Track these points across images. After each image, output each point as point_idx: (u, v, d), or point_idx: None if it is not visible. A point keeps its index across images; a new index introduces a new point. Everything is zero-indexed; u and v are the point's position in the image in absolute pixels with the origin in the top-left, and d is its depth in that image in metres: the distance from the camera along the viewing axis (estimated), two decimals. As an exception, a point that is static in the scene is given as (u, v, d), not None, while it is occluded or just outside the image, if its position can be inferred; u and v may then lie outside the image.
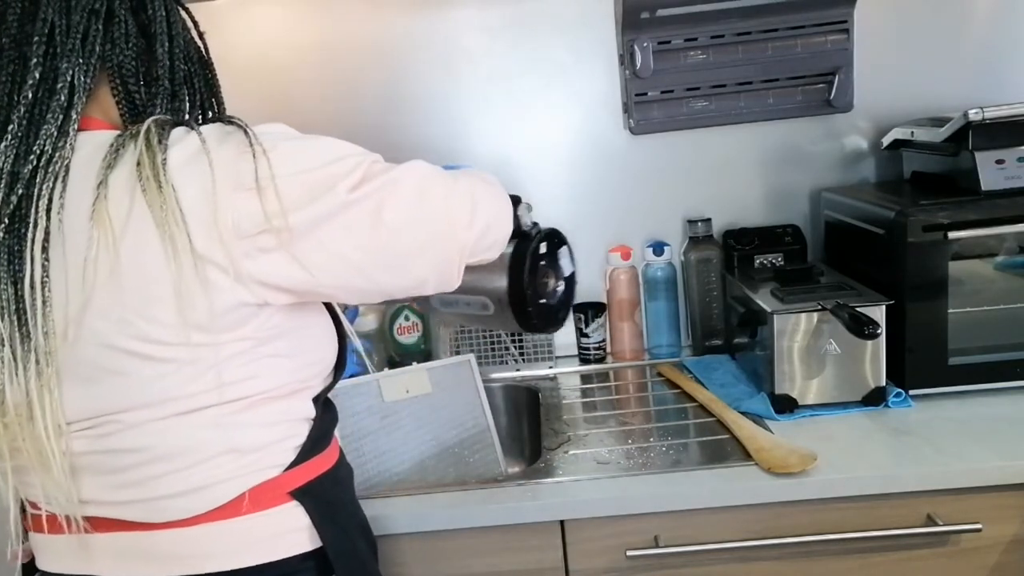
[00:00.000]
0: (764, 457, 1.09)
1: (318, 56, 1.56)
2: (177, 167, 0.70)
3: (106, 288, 0.69)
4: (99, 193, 0.69)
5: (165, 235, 0.68)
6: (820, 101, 1.52)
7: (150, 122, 0.73)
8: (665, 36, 1.47)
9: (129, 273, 0.69)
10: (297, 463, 0.80)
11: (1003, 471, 1.04)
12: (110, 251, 0.69)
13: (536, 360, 1.58)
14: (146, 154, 0.70)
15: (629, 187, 1.60)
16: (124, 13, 0.79)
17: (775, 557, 1.08)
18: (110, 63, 0.78)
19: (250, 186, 0.70)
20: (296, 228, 0.71)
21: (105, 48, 0.78)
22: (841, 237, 1.47)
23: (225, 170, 0.70)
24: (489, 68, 1.56)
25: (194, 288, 0.69)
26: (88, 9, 0.77)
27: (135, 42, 0.80)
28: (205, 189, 0.69)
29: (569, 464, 1.17)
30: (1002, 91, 1.52)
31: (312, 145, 0.76)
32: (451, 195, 0.82)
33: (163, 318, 0.70)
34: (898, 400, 1.23)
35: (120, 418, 0.73)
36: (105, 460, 0.75)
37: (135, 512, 0.76)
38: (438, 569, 1.10)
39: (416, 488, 1.15)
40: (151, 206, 0.68)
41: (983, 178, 1.22)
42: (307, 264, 0.73)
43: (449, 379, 1.35)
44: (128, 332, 0.70)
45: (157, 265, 0.69)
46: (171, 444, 0.74)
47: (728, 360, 1.51)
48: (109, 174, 0.70)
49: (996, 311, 1.25)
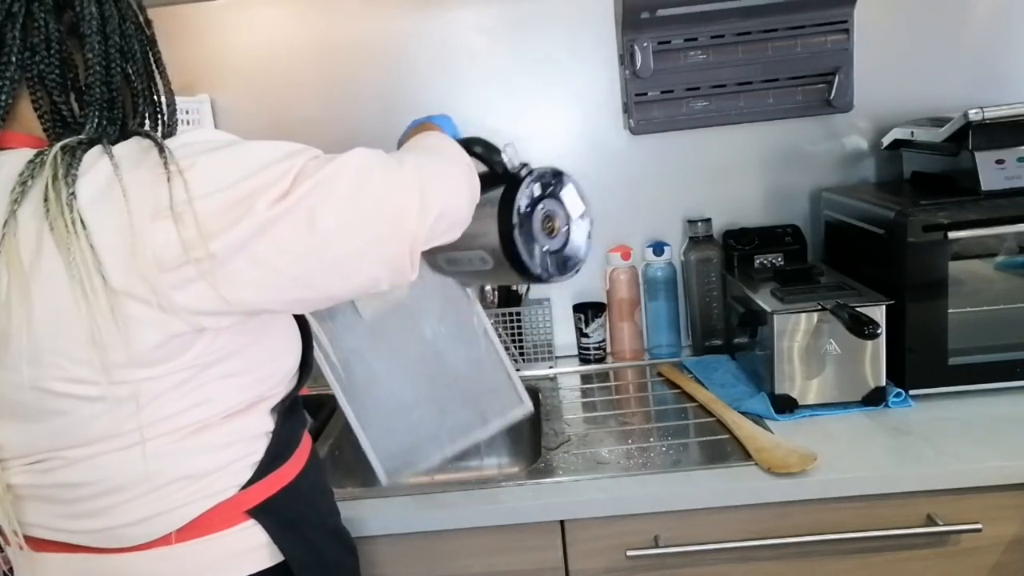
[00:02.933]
0: (764, 457, 1.09)
1: (317, 56, 1.56)
2: (89, 200, 0.65)
3: (23, 332, 0.65)
4: (6, 232, 0.65)
5: (75, 278, 0.63)
6: (820, 101, 1.52)
7: (57, 149, 0.66)
8: (665, 36, 1.47)
9: (45, 317, 0.65)
10: (255, 480, 0.78)
11: (1003, 471, 1.04)
12: (23, 294, 0.64)
13: (536, 360, 1.58)
14: (52, 188, 0.64)
15: (629, 187, 1.60)
16: (44, 15, 0.72)
17: (775, 557, 1.08)
18: (29, 74, 0.71)
19: (167, 213, 0.64)
20: (219, 255, 0.65)
21: (24, 57, 0.71)
22: (841, 237, 1.47)
23: (141, 198, 0.64)
24: (489, 68, 1.56)
25: (112, 329, 0.65)
26: (4, 13, 0.70)
27: (59, 47, 0.72)
28: (120, 222, 0.64)
29: (569, 464, 1.17)
30: (1002, 91, 1.52)
31: (233, 156, 0.68)
32: (394, 185, 0.72)
33: (88, 359, 0.66)
34: (898, 400, 1.23)
35: (64, 455, 0.71)
36: (54, 493, 0.73)
37: (89, 539, 0.74)
38: (438, 569, 1.10)
39: (416, 488, 1.15)
40: (59, 246, 0.64)
41: (983, 178, 1.22)
42: (238, 287, 0.67)
43: (429, 285, 1.21)
44: (55, 375, 0.67)
45: (71, 306, 0.64)
46: (120, 477, 0.72)
47: (728, 360, 1.51)
48: (16, 210, 0.65)
49: (996, 311, 1.25)
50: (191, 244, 0.64)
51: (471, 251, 0.93)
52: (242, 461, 0.78)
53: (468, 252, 0.93)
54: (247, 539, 0.77)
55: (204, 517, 0.75)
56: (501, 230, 0.89)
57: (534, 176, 0.92)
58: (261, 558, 0.78)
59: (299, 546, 0.80)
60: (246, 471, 0.78)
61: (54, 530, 0.75)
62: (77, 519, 0.74)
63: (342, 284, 0.72)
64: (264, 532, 0.78)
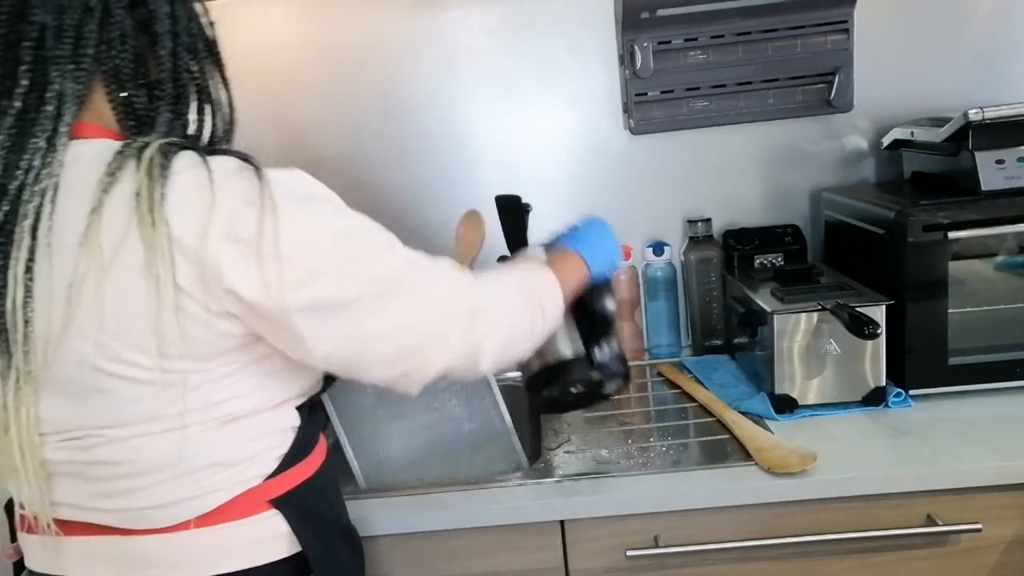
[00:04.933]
0: (764, 457, 1.09)
1: (318, 56, 1.56)
2: (177, 201, 0.68)
3: (89, 313, 0.68)
4: (92, 219, 0.68)
5: (151, 273, 0.67)
6: (820, 101, 1.52)
7: (155, 149, 0.70)
8: (665, 36, 1.47)
9: (113, 302, 0.68)
10: (279, 471, 0.80)
11: (1003, 471, 1.04)
12: (97, 279, 0.67)
13: (536, 360, 1.57)
14: (146, 187, 0.67)
15: (629, 187, 1.60)
16: (122, 11, 0.74)
17: (775, 557, 1.08)
18: (105, 67, 0.74)
19: (243, 239, 0.68)
20: (282, 305, 0.70)
21: (100, 50, 0.74)
22: (841, 237, 1.47)
23: (225, 216, 0.68)
24: (489, 68, 1.56)
25: (175, 324, 0.68)
26: (82, 8, 0.72)
27: (133, 43, 0.75)
28: (199, 228, 0.67)
29: (569, 464, 1.17)
30: (1002, 91, 1.52)
31: (326, 217, 0.73)
32: (456, 334, 0.79)
33: (145, 345, 0.69)
34: (898, 400, 1.23)
35: (104, 433, 0.73)
36: (87, 470, 0.75)
37: (114, 519, 0.76)
38: (438, 569, 1.10)
39: (416, 488, 1.15)
40: (143, 241, 0.67)
41: (983, 178, 1.22)
42: (278, 330, 0.72)
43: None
44: (109, 355, 0.70)
45: (141, 296, 0.68)
46: (154, 458, 0.74)
47: (728, 360, 1.51)
48: (105, 199, 0.68)
49: (996, 311, 1.25)
50: (264, 285, 0.69)
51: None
52: (270, 453, 0.80)
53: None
54: (268, 528, 0.79)
55: (228, 504, 0.77)
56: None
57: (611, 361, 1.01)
58: (279, 548, 0.80)
59: (315, 540, 0.82)
60: (272, 462, 0.80)
61: (82, 508, 0.76)
62: (106, 498, 0.75)
63: (358, 373, 0.78)
64: (285, 522, 0.80)
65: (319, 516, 0.84)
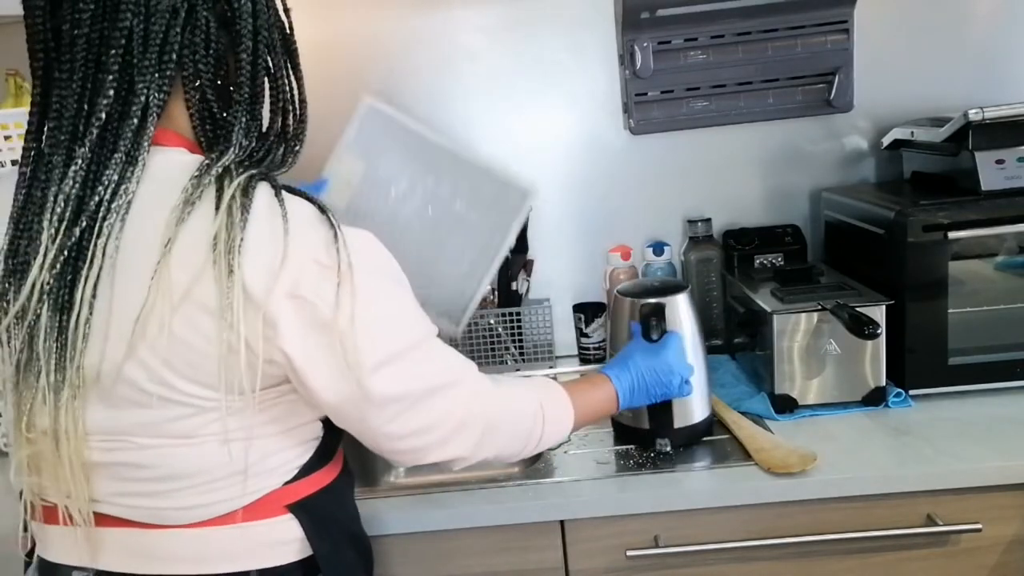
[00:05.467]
0: (764, 457, 1.09)
1: (318, 56, 1.56)
2: (252, 248, 0.68)
3: (151, 346, 0.69)
4: (164, 253, 0.67)
5: (223, 319, 0.67)
6: (820, 101, 1.51)
7: (237, 185, 0.69)
8: (665, 36, 1.47)
9: (176, 336, 0.68)
10: (298, 478, 0.81)
11: (1003, 471, 1.04)
12: (165, 316, 0.67)
13: (536, 360, 1.57)
14: (225, 229, 0.67)
15: (629, 187, 1.60)
16: (207, 13, 0.73)
17: (775, 557, 1.08)
18: (187, 72, 0.73)
19: (305, 298, 0.69)
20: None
21: (183, 54, 0.72)
22: (841, 237, 1.46)
23: (293, 273, 0.68)
24: (489, 68, 1.56)
25: (234, 367, 0.69)
26: (170, 9, 0.71)
27: (216, 46, 0.74)
28: (268, 281, 0.68)
29: (569, 464, 1.17)
30: (1002, 91, 1.52)
31: (395, 296, 0.77)
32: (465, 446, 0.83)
33: (198, 379, 0.70)
34: (898, 400, 1.23)
35: (134, 440, 0.74)
36: (116, 470, 0.76)
37: (140, 514, 0.77)
38: (438, 569, 1.10)
39: (416, 488, 1.15)
40: (217, 284, 0.67)
41: (983, 178, 1.21)
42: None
43: (374, 139, 1.23)
44: (157, 380, 0.70)
45: (205, 336, 0.68)
46: (180, 467, 0.75)
47: (728, 360, 1.51)
48: (179, 232, 0.67)
49: (996, 311, 1.25)
50: (349, 357, 0.71)
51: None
52: (292, 463, 0.81)
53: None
54: (283, 531, 0.80)
55: (247, 507, 0.78)
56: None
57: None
58: (291, 551, 0.81)
59: (327, 545, 0.83)
60: (292, 471, 0.81)
61: (110, 504, 0.77)
62: (131, 496, 0.77)
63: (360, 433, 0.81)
64: (299, 527, 0.81)
65: (333, 522, 0.85)
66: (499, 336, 1.54)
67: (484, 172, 1.20)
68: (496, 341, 1.54)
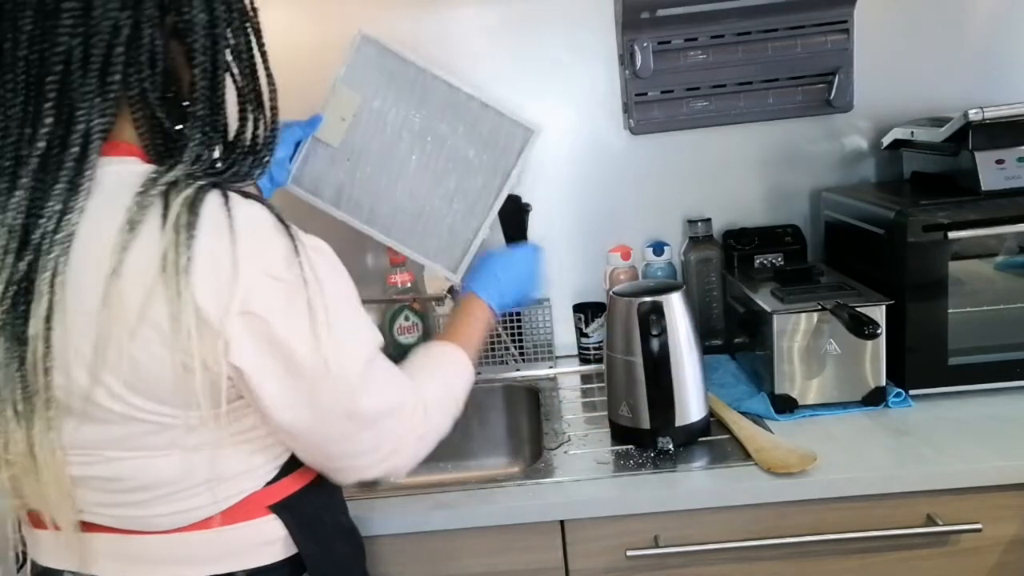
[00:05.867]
0: (764, 457, 1.09)
1: (318, 56, 1.56)
2: (201, 267, 0.65)
3: (113, 370, 0.67)
4: (111, 282, 0.65)
5: (177, 344, 0.65)
6: (820, 101, 1.51)
7: (182, 201, 0.65)
8: (665, 36, 1.47)
9: (136, 358, 0.67)
10: (279, 478, 0.80)
11: (1003, 471, 1.04)
12: (123, 342, 0.66)
13: (536, 360, 1.57)
14: (173, 249, 0.64)
15: (629, 187, 1.60)
16: (152, 30, 0.69)
17: (775, 557, 1.08)
18: (132, 91, 0.69)
19: (257, 314, 0.67)
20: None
21: (128, 74, 0.68)
22: (841, 237, 1.47)
23: (245, 289, 0.66)
24: (489, 68, 1.55)
25: (196, 386, 0.68)
26: (111, 28, 0.67)
27: (164, 63, 0.70)
28: (223, 300, 0.66)
29: (569, 464, 1.17)
30: (1002, 91, 1.52)
31: (349, 294, 0.76)
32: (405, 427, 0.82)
33: (162, 399, 0.69)
34: (898, 400, 1.23)
35: (105, 453, 0.73)
36: (94, 482, 0.75)
37: (123, 522, 0.77)
38: (437, 569, 1.10)
39: (416, 488, 1.15)
40: (168, 309, 0.64)
41: (983, 178, 1.21)
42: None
43: (369, 72, 1.20)
44: (125, 402, 0.69)
45: (164, 359, 0.67)
46: (153, 477, 0.74)
47: (728, 360, 1.51)
48: (125, 258, 0.65)
49: (996, 311, 1.25)
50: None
51: None
52: (268, 465, 0.80)
53: None
54: (267, 532, 0.79)
55: (230, 510, 0.77)
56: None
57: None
58: (276, 551, 0.80)
59: (313, 542, 0.82)
60: (272, 471, 0.80)
61: (93, 513, 0.77)
62: (107, 506, 0.76)
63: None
64: (283, 527, 0.80)
65: (318, 519, 0.84)
66: (499, 336, 1.54)
67: (486, 108, 1.17)
68: (496, 341, 1.54)
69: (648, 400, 1.15)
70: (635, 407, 1.17)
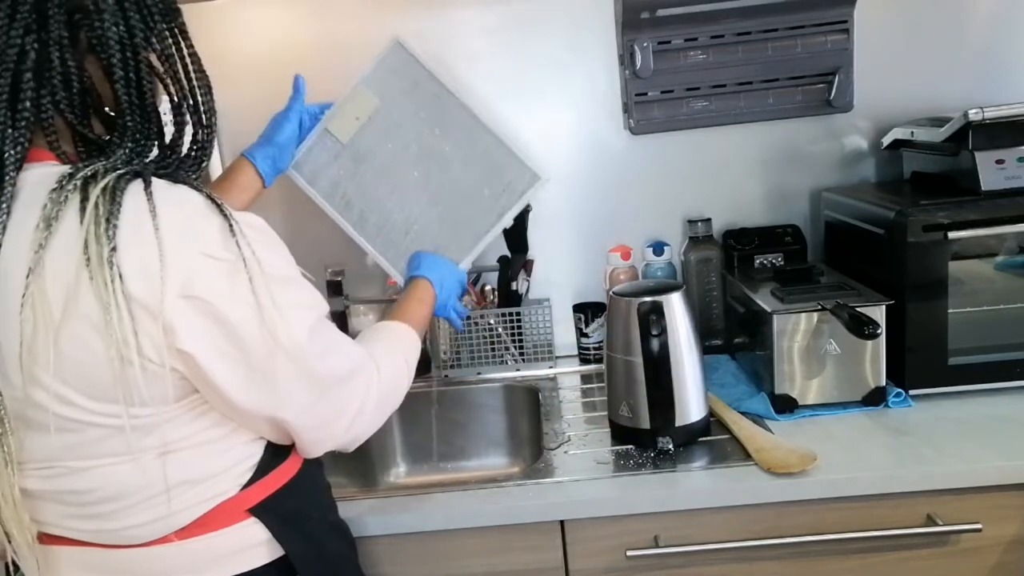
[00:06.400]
0: (764, 457, 1.09)
1: (317, 56, 1.56)
2: (128, 253, 0.64)
3: (45, 368, 0.66)
4: (30, 281, 0.64)
5: (110, 335, 0.64)
6: (820, 101, 1.51)
7: (99, 191, 0.64)
8: (665, 36, 1.47)
9: (70, 355, 0.66)
10: (255, 479, 0.79)
11: (1003, 471, 1.04)
12: (49, 339, 0.65)
13: (536, 360, 1.57)
14: (94, 240, 0.63)
15: (629, 187, 1.60)
16: (60, 51, 0.67)
17: (775, 557, 1.08)
18: (45, 114, 0.68)
19: (199, 296, 0.66)
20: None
21: (40, 96, 0.67)
22: (841, 237, 1.47)
23: (185, 272, 0.65)
24: (489, 68, 1.56)
25: (138, 378, 0.66)
26: (16, 54, 0.66)
27: (78, 79, 0.69)
28: (155, 285, 0.65)
29: (569, 464, 1.17)
30: (1002, 91, 1.52)
31: (292, 271, 0.76)
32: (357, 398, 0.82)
33: (107, 396, 0.68)
34: (898, 400, 1.23)
35: (68, 464, 0.72)
36: (61, 496, 0.74)
37: (95, 537, 0.76)
38: (437, 569, 1.10)
39: (416, 488, 1.15)
40: (98, 299, 0.63)
41: (983, 178, 1.22)
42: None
43: (394, 79, 1.19)
44: (70, 404, 0.68)
45: (100, 353, 0.65)
46: (120, 485, 0.73)
47: (728, 360, 1.51)
48: (43, 256, 0.64)
49: (996, 311, 1.25)
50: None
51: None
52: (241, 464, 0.79)
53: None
54: (248, 537, 0.78)
55: (205, 517, 0.76)
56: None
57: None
58: (261, 554, 0.79)
59: (300, 541, 0.81)
60: (246, 473, 0.79)
61: (65, 528, 0.76)
62: (84, 520, 0.75)
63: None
64: (265, 530, 0.79)
65: (303, 517, 0.83)
66: (499, 336, 1.54)
67: (499, 143, 1.17)
68: (496, 341, 1.54)
69: (648, 400, 1.15)
70: (635, 407, 1.17)
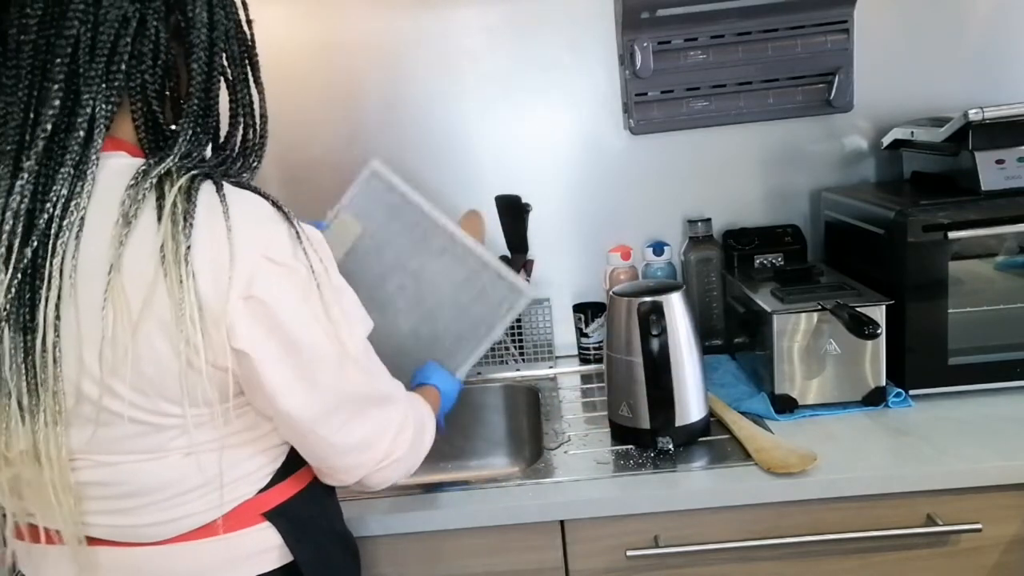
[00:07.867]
0: (764, 457, 1.09)
1: (318, 56, 1.56)
2: (201, 252, 0.66)
3: (117, 369, 0.67)
4: (112, 277, 0.65)
5: (180, 333, 0.65)
6: (820, 101, 1.51)
7: (177, 191, 0.66)
8: (665, 36, 1.47)
9: (140, 356, 0.67)
10: (272, 485, 0.80)
11: (1003, 471, 1.04)
12: (126, 340, 0.66)
13: (536, 360, 1.57)
14: (171, 239, 0.65)
15: (629, 187, 1.60)
16: (157, 23, 0.71)
17: (775, 557, 1.08)
18: (134, 83, 0.71)
19: (259, 298, 0.68)
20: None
21: (131, 65, 0.70)
22: (841, 237, 1.47)
23: (248, 273, 0.67)
24: (489, 68, 1.56)
25: (198, 379, 0.68)
26: (120, 18, 0.68)
27: (165, 57, 0.72)
28: (222, 285, 0.66)
29: (569, 464, 1.17)
30: (1002, 91, 1.52)
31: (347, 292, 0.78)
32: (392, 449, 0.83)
33: (159, 395, 0.69)
34: (898, 400, 1.23)
35: (95, 458, 0.73)
36: (82, 489, 0.74)
37: (110, 533, 0.76)
38: (437, 569, 1.10)
39: (416, 488, 1.15)
40: (171, 297, 0.65)
41: (983, 178, 1.22)
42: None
43: (375, 206, 1.20)
44: (128, 401, 0.69)
45: (166, 351, 0.67)
46: (144, 482, 0.73)
47: (728, 360, 1.51)
48: (123, 253, 0.65)
49: (996, 311, 1.25)
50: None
51: None
52: (263, 469, 0.79)
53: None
54: (261, 541, 0.79)
55: (223, 518, 0.76)
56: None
57: None
58: (271, 559, 0.80)
59: (308, 548, 0.82)
60: (264, 478, 0.79)
61: (86, 524, 0.76)
62: (101, 515, 0.75)
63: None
64: (278, 535, 0.79)
65: (313, 525, 0.84)
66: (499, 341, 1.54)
67: (480, 260, 1.17)
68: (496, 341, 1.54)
69: (648, 400, 1.15)
70: (635, 407, 1.17)
